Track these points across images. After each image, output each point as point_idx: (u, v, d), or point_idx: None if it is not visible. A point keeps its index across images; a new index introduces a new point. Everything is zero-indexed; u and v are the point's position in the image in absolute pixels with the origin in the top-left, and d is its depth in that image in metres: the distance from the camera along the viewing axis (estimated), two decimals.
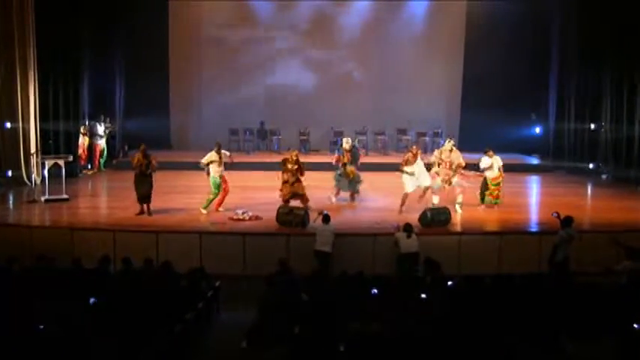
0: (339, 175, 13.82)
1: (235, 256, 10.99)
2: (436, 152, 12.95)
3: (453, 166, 12.56)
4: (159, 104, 20.54)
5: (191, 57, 21.05)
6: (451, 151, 12.72)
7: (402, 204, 12.65)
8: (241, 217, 12.12)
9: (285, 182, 12.52)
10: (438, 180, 12.70)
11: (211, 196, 12.46)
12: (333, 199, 13.86)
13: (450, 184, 12.70)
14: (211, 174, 12.40)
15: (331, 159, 14.41)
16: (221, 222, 11.92)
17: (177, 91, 21.07)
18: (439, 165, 12.69)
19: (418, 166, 12.66)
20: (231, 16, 21.04)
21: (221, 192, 12.50)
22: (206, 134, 20.60)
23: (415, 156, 12.71)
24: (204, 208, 12.41)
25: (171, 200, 13.62)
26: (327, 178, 14.34)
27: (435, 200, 12.62)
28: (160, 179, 12.94)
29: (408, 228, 10.54)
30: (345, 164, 13.72)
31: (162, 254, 10.54)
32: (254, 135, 21.08)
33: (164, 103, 20.85)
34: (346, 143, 13.84)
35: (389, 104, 21.15)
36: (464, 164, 12.71)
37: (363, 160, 15.61)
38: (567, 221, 10.08)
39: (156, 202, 12.52)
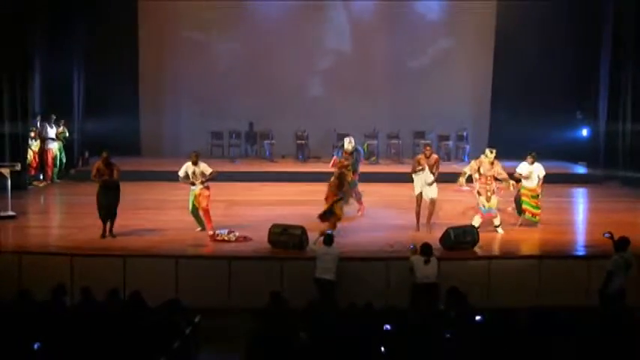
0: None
1: (218, 285, 11.01)
2: (473, 163, 12.90)
3: (506, 184, 12.62)
4: (126, 103, 20.64)
5: (165, 48, 21.20)
6: (492, 164, 12.75)
7: (417, 216, 12.63)
8: (226, 238, 12.16)
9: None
10: (483, 199, 12.71)
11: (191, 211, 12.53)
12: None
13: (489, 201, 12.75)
14: (194, 189, 12.44)
15: (329, 165, 14.40)
16: (201, 244, 11.95)
17: (148, 87, 21.18)
18: (473, 179, 12.74)
19: (425, 173, 12.71)
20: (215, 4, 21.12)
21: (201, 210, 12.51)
22: (184, 139, 20.70)
23: (427, 157, 12.74)
24: (199, 226, 12.51)
25: (141, 218, 13.66)
26: None
27: (476, 221, 12.66)
28: (127, 192, 12.99)
29: (426, 250, 10.49)
30: (343, 167, 13.73)
31: (131, 283, 10.55)
32: (241, 139, 21.15)
33: (132, 101, 20.95)
34: (348, 144, 13.89)
35: (404, 102, 21.24)
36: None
37: (373, 169, 15.67)
38: (623, 243, 10.05)
39: (122, 220, 12.56)
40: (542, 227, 13.21)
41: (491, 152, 12.74)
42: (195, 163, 12.41)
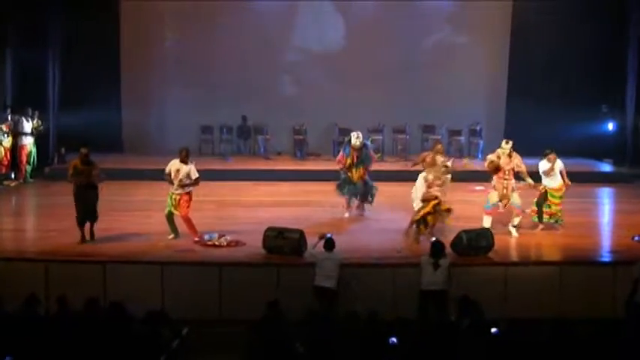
0: (343, 181, 13.87)
1: (208, 294, 11.00)
2: (491, 156, 12.95)
3: (525, 182, 12.63)
4: (107, 95, 20.59)
5: (150, 37, 21.16)
6: (510, 156, 12.77)
7: (410, 225, 12.63)
8: (216, 243, 12.14)
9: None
10: (494, 195, 12.72)
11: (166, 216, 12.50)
12: (347, 215, 13.91)
13: (508, 201, 12.73)
14: (173, 190, 12.39)
15: (335, 162, 14.42)
16: (190, 249, 11.94)
17: (131, 78, 21.10)
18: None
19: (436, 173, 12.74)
20: None
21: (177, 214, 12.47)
22: (170, 134, 20.65)
23: (436, 156, 12.74)
24: (172, 232, 12.45)
25: (124, 220, 13.65)
26: (332, 191, 14.40)
27: (487, 222, 12.66)
28: (107, 193, 12.99)
29: (436, 251, 10.49)
30: (350, 166, 13.76)
31: (112, 292, 10.54)
32: (233, 134, 21.14)
33: (114, 93, 20.91)
34: (356, 139, 13.91)
35: (412, 95, 21.19)
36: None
37: (377, 166, 15.66)
38: None
39: (103, 223, 12.53)
40: (563, 231, 13.20)
41: (507, 143, 12.83)
42: (183, 162, 12.32)
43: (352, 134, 14.13)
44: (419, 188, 12.82)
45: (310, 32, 21.44)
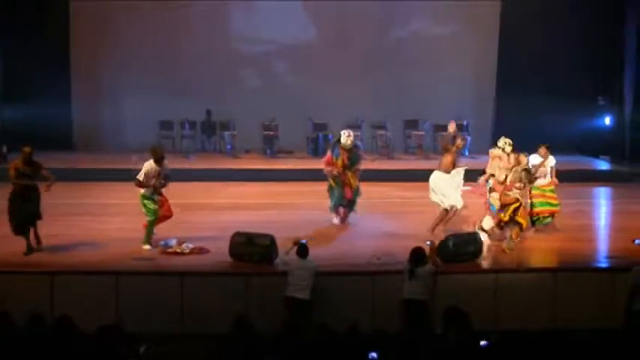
0: (332, 185, 13.76)
1: (169, 306, 10.94)
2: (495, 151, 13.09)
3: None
4: (56, 87, 20.48)
5: (102, 24, 21.05)
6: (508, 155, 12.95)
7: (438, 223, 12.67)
8: (178, 250, 12.07)
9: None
10: (495, 195, 12.78)
11: (149, 223, 12.32)
12: (336, 221, 13.84)
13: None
14: (142, 192, 12.26)
15: (321, 163, 14.25)
16: (148, 257, 11.86)
17: (82, 69, 21.04)
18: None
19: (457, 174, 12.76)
20: None
21: (159, 217, 12.37)
22: (126, 130, 20.61)
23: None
24: (145, 242, 12.29)
25: (74, 226, 13.55)
26: (310, 192, 14.38)
27: (487, 224, 12.71)
28: (55, 195, 12.82)
29: (414, 257, 10.51)
30: (343, 169, 13.63)
31: (59, 306, 10.42)
32: (196, 129, 21.09)
33: (63, 85, 20.81)
34: (347, 138, 13.72)
35: (393, 88, 21.29)
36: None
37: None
38: None
39: (50, 229, 12.41)
40: (558, 234, 13.26)
41: (506, 142, 13.00)
42: (159, 162, 12.15)
43: (342, 132, 13.88)
44: (447, 186, 12.78)
45: (280, 21, 21.42)
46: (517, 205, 12.22)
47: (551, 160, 13.36)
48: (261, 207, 15.45)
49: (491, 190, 12.88)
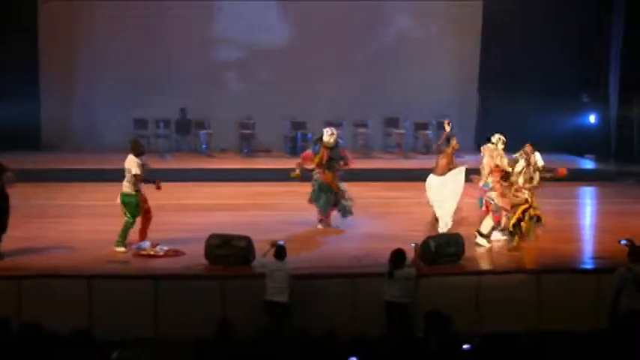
0: (318, 189, 13.64)
1: (143, 311, 10.90)
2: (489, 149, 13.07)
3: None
4: (23, 84, 20.30)
5: (74, 22, 20.99)
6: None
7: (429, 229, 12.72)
8: (152, 253, 12.03)
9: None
10: (493, 195, 12.81)
11: (127, 224, 12.26)
12: (320, 226, 13.79)
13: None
14: (126, 190, 12.19)
15: (300, 158, 14.18)
16: (122, 260, 11.80)
17: (51, 67, 20.91)
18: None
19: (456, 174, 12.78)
20: None
21: (141, 217, 12.31)
22: (98, 129, 20.52)
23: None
24: (120, 244, 12.22)
25: (43, 228, 13.46)
26: (288, 193, 14.35)
27: (487, 226, 12.75)
28: (24, 197, 12.80)
29: (394, 258, 10.50)
30: (322, 167, 13.56)
31: (28, 311, 10.36)
32: (171, 128, 21.03)
33: (31, 83, 20.64)
34: (330, 136, 13.61)
35: (373, 86, 21.33)
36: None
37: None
38: (635, 254, 10.20)
39: (18, 232, 12.29)
40: (542, 235, 13.28)
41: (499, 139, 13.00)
42: (140, 156, 12.15)
43: (325, 130, 13.77)
44: (440, 191, 12.78)
45: (258, 18, 21.40)
46: (526, 206, 12.27)
47: (538, 159, 13.33)
48: (237, 208, 15.44)
49: (491, 188, 12.87)
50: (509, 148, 13.68)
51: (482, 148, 13.24)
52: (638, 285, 10.05)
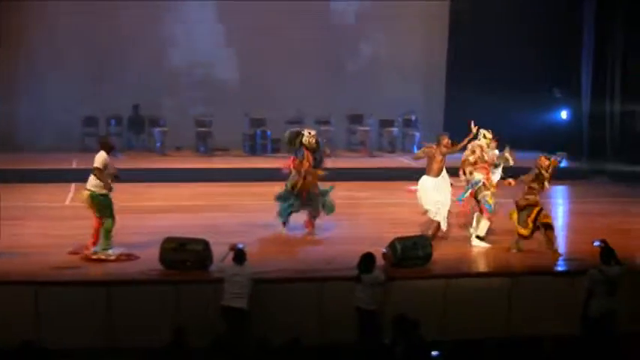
0: (289, 191, 13.49)
1: (94, 319, 10.80)
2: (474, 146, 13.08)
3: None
4: None
5: (22, 15, 20.75)
6: (488, 146, 13.06)
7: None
8: (103, 257, 11.94)
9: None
10: (488, 194, 12.88)
11: (108, 225, 12.15)
12: (284, 231, 13.68)
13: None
14: (95, 190, 12.09)
15: (283, 164, 14.02)
16: (71, 265, 11.71)
17: None
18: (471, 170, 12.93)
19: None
20: None
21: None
22: (46, 127, 20.34)
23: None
24: (104, 249, 12.09)
25: None
26: (247, 193, 14.31)
27: (483, 228, 12.82)
28: None
29: (362, 262, 10.53)
30: (308, 173, 13.34)
31: None
32: (123, 126, 20.91)
33: None
34: (310, 137, 13.39)
35: (337, 81, 21.39)
36: None
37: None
38: (606, 256, 10.33)
39: None
40: (512, 237, 13.36)
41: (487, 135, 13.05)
42: (110, 153, 12.14)
43: (304, 132, 13.54)
44: (434, 190, 12.80)
45: (215, 10, 21.44)
46: (539, 208, 12.41)
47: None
48: (194, 209, 15.41)
49: (482, 188, 12.92)
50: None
51: (472, 144, 13.22)
52: (609, 287, 10.19)
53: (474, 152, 12.94)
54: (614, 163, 19.50)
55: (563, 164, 13.35)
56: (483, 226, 12.87)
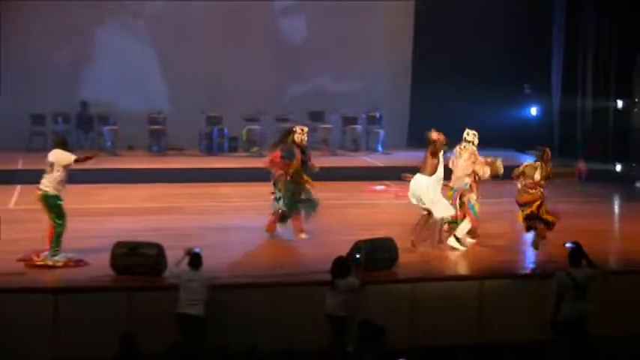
0: (284, 194, 13.33)
1: (40, 329, 10.70)
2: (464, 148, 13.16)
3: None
4: None
5: None
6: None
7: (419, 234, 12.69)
8: (49, 263, 11.83)
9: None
10: (473, 197, 13.00)
11: (59, 229, 12.04)
12: (304, 236, 13.50)
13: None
14: (48, 190, 11.97)
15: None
16: (14, 272, 11.57)
17: None
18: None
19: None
20: None
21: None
22: None
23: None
24: (55, 252, 11.95)
25: None
26: (203, 195, 14.23)
27: (463, 229, 12.88)
28: None
29: (334, 268, 10.49)
30: (296, 172, 13.29)
31: None
32: (71, 124, 20.80)
33: None
34: (303, 134, 13.44)
35: (297, 77, 21.38)
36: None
37: (254, 163, 15.61)
38: (575, 258, 10.38)
39: None
40: (482, 239, 13.43)
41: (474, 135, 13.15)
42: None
43: (296, 129, 13.56)
44: (430, 189, 12.75)
45: (168, 3, 21.34)
46: (539, 202, 12.61)
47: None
48: (147, 212, 15.36)
49: (468, 191, 12.97)
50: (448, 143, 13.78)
51: (459, 147, 13.26)
52: (578, 291, 10.23)
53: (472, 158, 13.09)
54: (586, 160, 19.63)
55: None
56: (463, 228, 12.90)
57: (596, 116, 19.90)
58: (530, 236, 13.00)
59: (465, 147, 13.15)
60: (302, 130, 13.53)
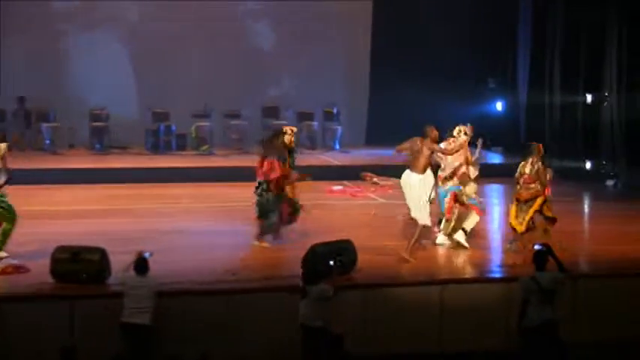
0: (266, 198, 13.22)
1: None
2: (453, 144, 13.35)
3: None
4: None
5: None
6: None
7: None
8: None
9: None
10: (472, 191, 13.19)
11: (7, 230, 12.17)
12: (266, 244, 13.46)
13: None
14: None
15: (261, 174, 13.86)
16: None
17: None
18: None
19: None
20: None
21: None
22: None
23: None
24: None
25: None
26: (150, 196, 14.16)
27: (471, 222, 13.16)
28: None
29: (305, 274, 10.55)
30: (284, 176, 13.21)
31: None
32: (7, 121, 20.76)
33: None
34: (293, 136, 13.39)
35: (250, 72, 21.44)
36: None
37: (204, 162, 15.60)
38: (540, 261, 10.43)
39: None
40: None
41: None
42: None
43: (286, 129, 13.44)
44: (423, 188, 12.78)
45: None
46: (543, 198, 12.85)
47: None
48: (89, 214, 15.33)
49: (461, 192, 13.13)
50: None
51: (459, 143, 13.39)
52: (544, 295, 10.30)
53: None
54: (554, 158, 19.78)
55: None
56: (471, 221, 13.14)
57: (564, 111, 20.07)
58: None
59: (453, 141, 13.32)
60: (292, 130, 13.44)
